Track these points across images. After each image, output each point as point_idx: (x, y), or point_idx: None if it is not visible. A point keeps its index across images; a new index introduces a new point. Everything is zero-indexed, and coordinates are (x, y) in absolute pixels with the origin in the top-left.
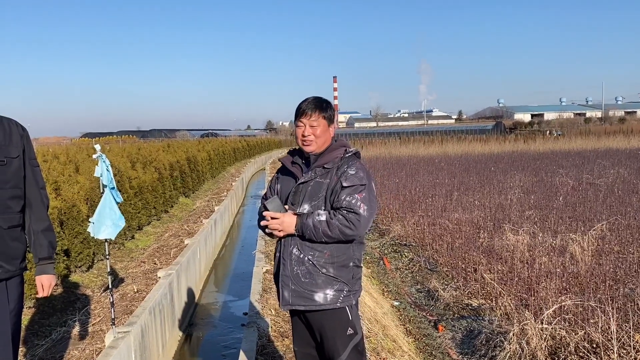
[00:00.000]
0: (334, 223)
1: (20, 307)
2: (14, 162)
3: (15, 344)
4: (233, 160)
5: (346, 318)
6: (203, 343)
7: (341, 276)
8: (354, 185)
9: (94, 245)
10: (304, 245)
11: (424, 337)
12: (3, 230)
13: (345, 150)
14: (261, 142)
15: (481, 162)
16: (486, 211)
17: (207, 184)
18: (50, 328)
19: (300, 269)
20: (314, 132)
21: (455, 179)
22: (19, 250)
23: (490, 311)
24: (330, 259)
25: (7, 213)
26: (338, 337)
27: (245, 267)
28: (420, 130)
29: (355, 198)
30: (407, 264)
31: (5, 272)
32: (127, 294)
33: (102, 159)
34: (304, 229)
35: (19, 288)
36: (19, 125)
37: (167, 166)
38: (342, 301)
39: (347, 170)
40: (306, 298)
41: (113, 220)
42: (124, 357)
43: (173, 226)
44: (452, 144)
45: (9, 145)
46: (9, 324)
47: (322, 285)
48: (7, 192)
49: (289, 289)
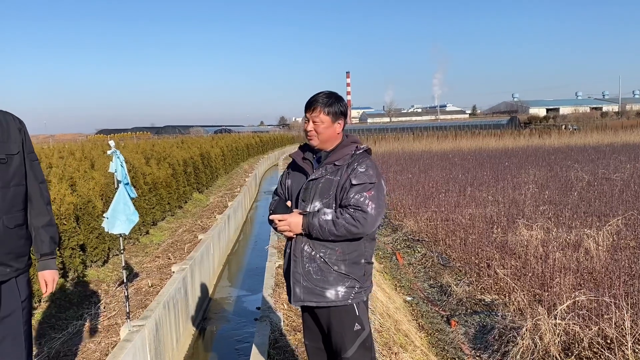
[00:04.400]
0: (340, 222)
1: (30, 303)
2: (14, 158)
3: (28, 340)
4: (246, 156)
5: (353, 314)
6: (216, 337)
7: (353, 273)
8: (363, 183)
9: (109, 241)
10: (315, 243)
11: (436, 332)
12: (10, 230)
13: (356, 148)
14: (274, 138)
15: (495, 157)
16: (500, 206)
17: (221, 180)
18: (66, 321)
19: (312, 266)
20: (316, 128)
21: (469, 174)
22: (25, 247)
23: (503, 306)
24: (342, 256)
25: (13, 212)
26: (345, 332)
27: (258, 262)
28: (434, 126)
29: (364, 196)
30: (420, 259)
31: (15, 270)
32: (142, 288)
33: (117, 155)
34: (310, 228)
35: (28, 284)
36: (16, 119)
37: (181, 162)
38: (354, 298)
39: (357, 167)
40: (317, 295)
41: (127, 215)
42: (138, 350)
43: (187, 222)
44: (465, 139)
45: (8, 141)
46: (23, 320)
47: (334, 282)
48: (11, 191)
49: (300, 285)
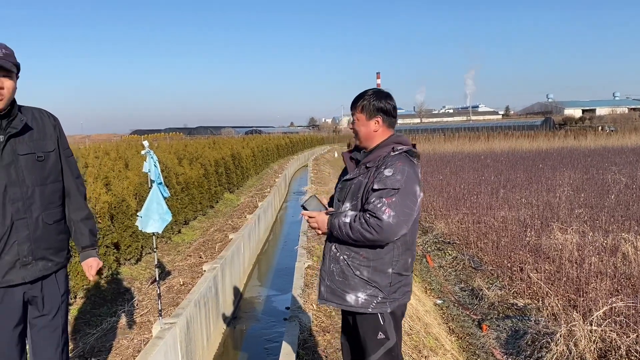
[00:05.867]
0: (356, 226)
1: (68, 297)
2: (51, 155)
3: (64, 333)
4: (276, 156)
5: (377, 323)
6: (246, 336)
7: (376, 281)
8: (385, 188)
9: (142, 239)
10: (342, 244)
11: (467, 336)
12: (49, 226)
13: (393, 149)
14: (304, 138)
15: (529, 158)
16: (533, 209)
17: (251, 180)
18: (100, 318)
19: (335, 267)
20: (354, 126)
21: (502, 176)
22: (65, 242)
23: (536, 311)
24: (365, 262)
25: (51, 208)
26: (368, 339)
27: (288, 263)
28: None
29: (382, 202)
30: (451, 262)
31: (56, 264)
32: (174, 287)
33: (150, 155)
34: (332, 228)
35: (66, 279)
36: (51, 116)
37: (213, 162)
38: (375, 307)
39: (383, 171)
40: (338, 297)
41: (160, 214)
42: (170, 347)
43: (218, 221)
44: (498, 140)
45: (44, 139)
46: (61, 313)
47: (355, 287)
48: (49, 188)
49: (325, 284)
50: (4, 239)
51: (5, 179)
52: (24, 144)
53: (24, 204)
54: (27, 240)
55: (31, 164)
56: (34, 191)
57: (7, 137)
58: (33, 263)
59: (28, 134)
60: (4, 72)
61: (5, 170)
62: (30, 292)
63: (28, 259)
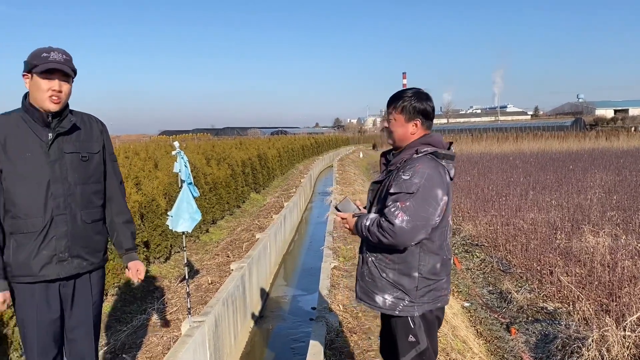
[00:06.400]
0: (373, 230)
1: (101, 298)
2: (95, 157)
3: (96, 331)
4: (301, 157)
5: (408, 326)
6: (272, 335)
7: (402, 285)
8: (400, 192)
9: (172, 238)
10: (370, 246)
11: (495, 339)
12: (87, 225)
13: (416, 151)
14: (329, 139)
15: (559, 160)
16: (564, 211)
17: (277, 181)
18: (131, 315)
19: (365, 268)
20: (389, 126)
21: (531, 178)
22: (101, 243)
23: (567, 315)
24: (391, 264)
25: (90, 207)
26: (400, 340)
27: (313, 263)
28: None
29: (396, 206)
30: (479, 264)
31: (90, 264)
32: (202, 285)
33: (181, 155)
34: (356, 231)
35: (101, 280)
36: (99, 121)
37: (240, 163)
38: (402, 310)
39: (401, 174)
40: (369, 297)
41: (190, 213)
42: (199, 345)
43: (245, 221)
44: (527, 141)
45: (90, 141)
46: (92, 313)
47: (382, 288)
48: (90, 187)
49: (359, 284)
50: (44, 233)
51: (49, 174)
52: (70, 143)
53: (65, 200)
54: (65, 237)
55: (76, 163)
56: (76, 189)
57: (55, 135)
58: (69, 260)
59: (75, 134)
60: (63, 77)
61: (50, 167)
62: (64, 289)
63: (64, 255)
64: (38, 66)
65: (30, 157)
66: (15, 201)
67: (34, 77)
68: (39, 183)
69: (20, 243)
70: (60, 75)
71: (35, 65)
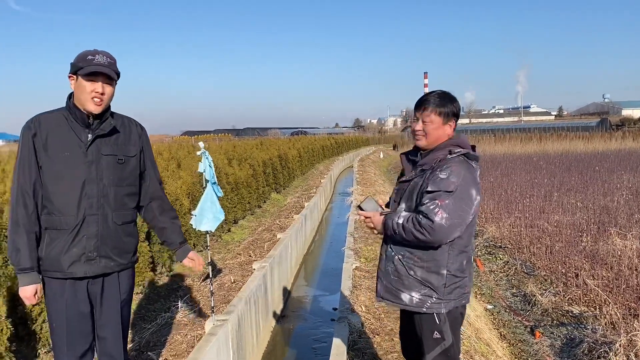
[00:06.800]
0: (409, 227)
1: (130, 297)
2: (131, 160)
3: (124, 330)
4: (322, 157)
5: (433, 322)
6: (294, 335)
7: (430, 282)
8: (438, 190)
9: (194, 237)
10: (396, 245)
11: (519, 342)
12: (117, 226)
13: (450, 152)
14: (349, 139)
15: (584, 161)
16: (589, 213)
17: (297, 181)
18: (155, 313)
19: (390, 266)
20: (424, 128)
21: (555, 179)
22: (131, 244)
23: (593, 319)
24: (420, 262)
25: (122, 209)
26: (425, 338)
27: (334, 264)
28: (517, 127)
29: (435, 204)
30: (502, 266)
31: (118, 265)
32: (225, 284)
33: (205, 155)
34: (386, 229)
35: (130, 280)
36: (138, 125)
37: (261, 163)
38: (429, 307)
39: (438, 173)
40: (394, 295)
41: (214, 213)
42: (222, 344)
43: (266, 221)
44: (551, 142)
45: (128, 144)
46: (120, 312)
47: (409, 286)
48: (123, 190)
49: (381, 283)
50: (75, 231)
51: (85, 174)
52: (108, 145)
53: (98, 201)
54: (95, 236)
55: (112, 165)
56: (109, 190)
57: (94, 136)
58: (97, 259)
59: (114, 136)
60: (107, 80)
61: (87, 167)
62: (92, 287)
63: (93, 255)
64: (83, 68)
65: (68, 156)
66: (51, 198)
67: (78, 79)
68: (75, 182)
69: (53, 239)
70: (103, 78)
71: (80, 68)
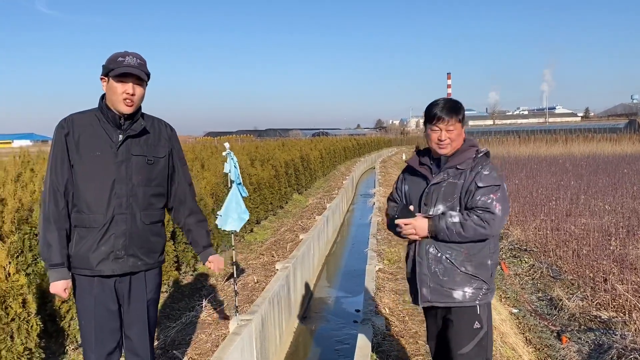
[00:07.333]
0: (468, 224)
1: (157, 297)
2: (160, 161)
3: (151, 328)
4: (343, 158)
5: (474, 313)
6: (316, 336)
7: (480, 274)
8: (489, 185)
9: (218, 237)
10: (441, 244)
11: (545, 347)
12: (145, 226)
13: (477, 151)
14: (371, 141)
15: (612, 163)
16: (618, 217)
17: (319, 182)
18: (179, 312)
19: (438, 267)
20: (450, 136)
21: (582, 181)
22: (159, 244)
23: (622, 325)
24: (468, 257)
25: (150, 209)
26: (464, 330)
27: (356, 265)
28: (542, 129)
29: (491, 198)
30: (527, 270)
31: (145, 264)
32: (248, 284)
33: (231, 156)
34: (437, 231)
35: (156, 279)
36: (168, 126)
37: (283, 164)
38: (481, 299)
39: (481, 170)
40: (445, 295)
41: (239, 213)
42: (246, 344)
43: (288, 221)
44: (577, 144)
45: (158, 145)
46: (147, 311)
47: (461, 282)
48: (151, 190)
49: (427, 286)
50: (103, 230)
51: (115, 174)
52: (138, 146)
53: (127, 200)
54: (123, 235)
55: (141, 165)
56: (138, 190)
57: (125, 137)
58: (124, 258)
59: (144, 137)
60: (137, 81)
61: (117, 167)
62: (119, 285)
63: (120, 253)
64: (113, 70)
65: (99, 156)
66: (82, 197)
67: (110, 80)
68: (105, 182)
69: (82, 237)
70: (134, 79)
71: (111, 69)
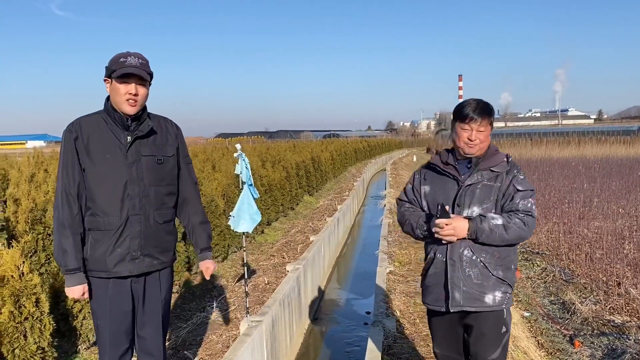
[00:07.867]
0: (512, 226)
1: (169, 296)
2: (169, 160)
3: (164, 328)
4: (354, 160)
5: (502, 317)
6: (327, 338)
7: (507, 278)
8: (527, 189)
9: (229, 238)
10: (477, 247)
11: (557, 351)
12: (159, 225)
13: (507, 156)
14: (382, 142)
15: (626, 166)
16: (632, 220)
17: (330, 184)
18: (190, 313)
19: (473, 270)
20: (480, 137)
21: (595, 184)
22: (171, 243)
23: (636, 330)
24: (499, 261)
25: (163, 209)
26: (492, 335)
27: (367, 267)
28: (554, 131)
29: (530, 202)
30: (539, 273)
31: (161, 263)
32: (259, 285)
33: (242, 157)
34: (478, 232)
35: (169, 279)
36: (174, 125)
37: (294, 165)
38: (507, 302)
39: (517, 174)
40: (477, 299)
41: (250, 214)
42: (257, 345)
43: (299, 223)
44: (590, 146)
45: (166, 144)
46: (161, 310)
47: (492, 287)
48: (163, 189)
49: (460, 290)
50: (119, 232)
51: (127, 176)
52: (147, 146)
53: (140, 201)
54: (138, 236)
55: (151, 165)
56: (150, 190)
57: (134, 138)
58: (141, 258)
59: (152, 137)
60: (140, 81)
61: (128, 168)
62: (135, 285)
63: (137, 254)
64: (116, 71)
65: (110, 158)
66: (95, 200)
67: (113, 81)
68: (117, 184)
69: (97, 240)
70: (136, 80)
71: (114, 70)
